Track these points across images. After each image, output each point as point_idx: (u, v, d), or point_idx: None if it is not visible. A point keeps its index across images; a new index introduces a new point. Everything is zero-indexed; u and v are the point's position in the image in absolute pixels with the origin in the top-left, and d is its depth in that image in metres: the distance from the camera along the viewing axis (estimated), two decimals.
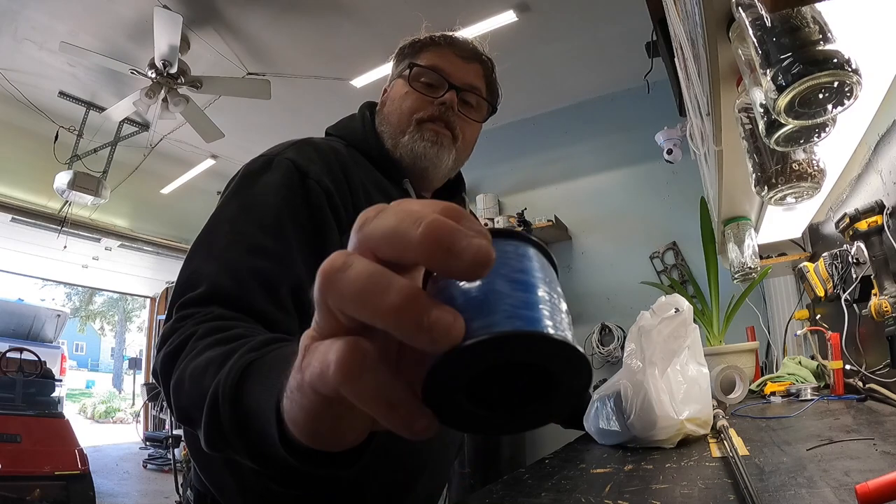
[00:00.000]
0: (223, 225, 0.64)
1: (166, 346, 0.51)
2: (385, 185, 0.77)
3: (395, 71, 0.86)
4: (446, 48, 0.82)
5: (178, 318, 0.54)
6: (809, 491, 0.44)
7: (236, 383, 0.37)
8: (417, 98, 0.79)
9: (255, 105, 3.42)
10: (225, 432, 0.37)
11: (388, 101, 0.84)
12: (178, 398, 0.46)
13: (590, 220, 3.52)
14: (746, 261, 1.50)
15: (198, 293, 0.56)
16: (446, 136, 0.80)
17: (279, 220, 0.64)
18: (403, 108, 0.80)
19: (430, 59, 0.81)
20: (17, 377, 3.97)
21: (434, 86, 0.80)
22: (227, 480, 0.66)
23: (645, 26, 1.86)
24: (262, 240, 0.62)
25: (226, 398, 0.36)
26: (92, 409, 11.71)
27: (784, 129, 0.59)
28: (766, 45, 0.51)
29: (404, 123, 0.80)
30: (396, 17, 2.89)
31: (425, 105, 0.79)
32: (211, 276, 0.57)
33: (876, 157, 1.02)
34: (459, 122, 0.81)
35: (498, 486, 0.61)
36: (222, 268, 0.58)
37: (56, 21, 2.85)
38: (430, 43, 0.83)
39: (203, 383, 0.41)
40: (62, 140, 3.81)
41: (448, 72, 0.80)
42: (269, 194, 0.66)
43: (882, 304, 0.92)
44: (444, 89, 0.79)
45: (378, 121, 0.84)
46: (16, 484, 2.91)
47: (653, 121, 2.95)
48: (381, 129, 0.83)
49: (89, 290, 15.52)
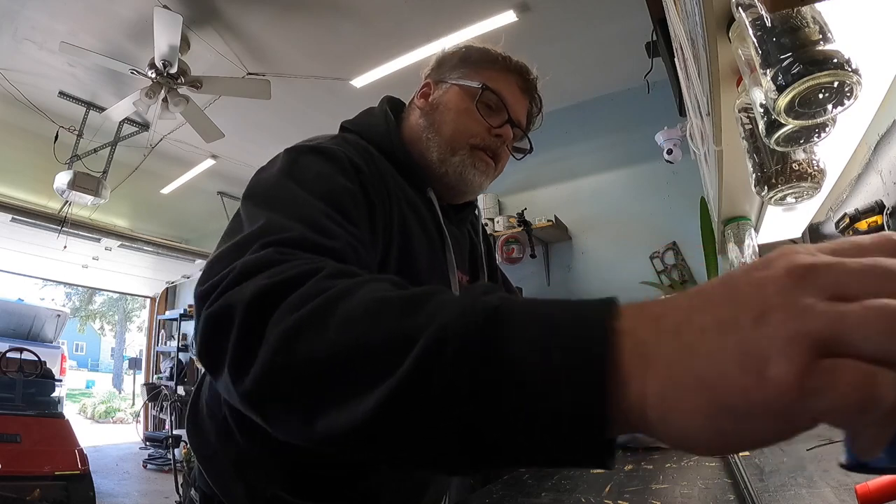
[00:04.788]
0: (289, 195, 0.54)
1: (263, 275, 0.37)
2: (409, 192, 0.74)
3: (452, 74, 0.80)
4: (513, 75, 0.80)
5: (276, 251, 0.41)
6: (809, 491, 0.44)
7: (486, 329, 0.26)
8: (478, 121, 0.77)
9: (255, 105, 3.42)
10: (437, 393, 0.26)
11: (440, 108, 0.78)
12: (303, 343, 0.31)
13: (590, 220, 3.52)
14: (746, 261, 1.50)
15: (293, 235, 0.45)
16: (491, 167, 0.79)
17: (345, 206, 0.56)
18: (461, 127, 0.77)
19: (496, 83, 0.78)
20: (17, 377, 3.97)
21: (494, 112, 0.78)
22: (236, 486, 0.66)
23: (645, 26, 1.86)
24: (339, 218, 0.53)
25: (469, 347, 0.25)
26: (92, 409, 11.70)
27: (784, 129, 0.59)
28: (766, 45, 0.51)
29: (457, 143, 0.77)
30: (396, 17, 2.88)
31: (483, 131, 0.77)
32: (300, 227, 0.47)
33: (876, 157, 1.02)
34: (503, 155, 0.80)
35: (498, 486, 0.61)
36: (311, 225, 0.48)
37: (56, 21, 2.85)
38: (500, 64, 0.80)
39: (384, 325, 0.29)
40: (62, 140, 3.81)
41: (510, 103, 0.78)
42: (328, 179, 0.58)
43: None
44: (502, 120, 0.78)
45: (423, 123, 0.79)
46: (16, 484, 2.91)
47: (653, 121, 2.94)
48: (427, 136, 0.78)
49: (89, 290, 15.52)
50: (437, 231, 0.76)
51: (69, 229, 4.61)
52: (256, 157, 4.42)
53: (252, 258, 0.40)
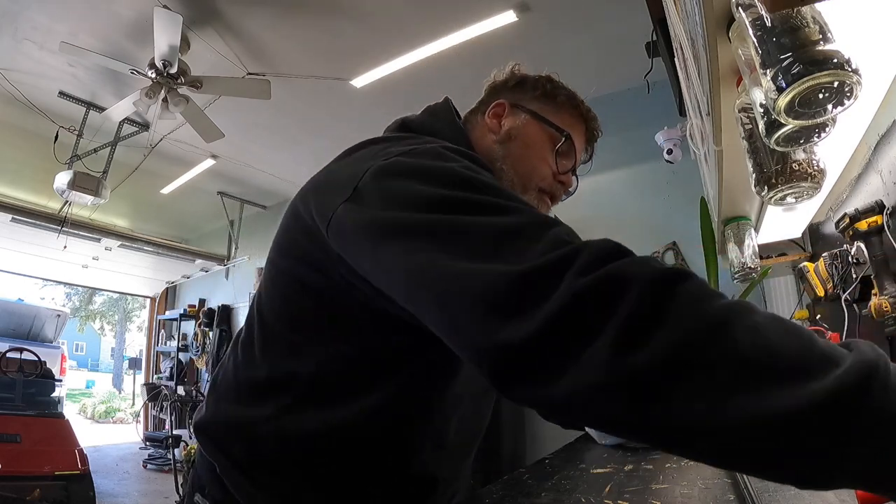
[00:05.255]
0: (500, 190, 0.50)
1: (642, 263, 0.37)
2: None
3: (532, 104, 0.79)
4: (584, 125, 0.82)
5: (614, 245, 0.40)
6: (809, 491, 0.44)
7: None
8: (550, 165, 0.77)
9: (255, 105, 3.42)
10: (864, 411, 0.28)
11: (518, 141, 0.77)
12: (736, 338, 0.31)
13: (590, 220, 3.51)
14: (746, 261, 1.50)
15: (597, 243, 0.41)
16: (549, 210, 0.80)
17: None
18: (535, 167, 0.77)
19: (573, 129, 0.79)
20: (17, 377, 3.97)
21: (563, 159, 0.78)
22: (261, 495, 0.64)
23: (645, 26, 1.86)
24: None
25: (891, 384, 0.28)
26: (92, 409, 11.70)
27: (784, 129, 0.59)
28: (766, 45, 0.51)
29: (529, 183, 0.77)
30: (396, 17, 2.88)
31: (551, 175, 0.78)
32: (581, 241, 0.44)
33: (876, 157, 1.02)
34: (558, 199, 0.82)
35: (498, 486, 0.61)
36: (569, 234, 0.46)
37: (56, 21, 2.85)
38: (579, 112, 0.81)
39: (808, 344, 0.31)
40: (62, 140, 3.81)
41: (579, 153, 0.81)
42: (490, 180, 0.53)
43: (882, 304, 0.92)
44: (569, 167, 0.79)
45: (498, 151, 0.76)
46: (16, 484, 2.91)
47: (653, 121, 2.94)
48: (501, 166, 0.75)
49: (89, 290, 15.52)
50: None
51: (69, 229, 4.61)
52: (256, 157, 4.44)
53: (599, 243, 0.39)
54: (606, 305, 0.34)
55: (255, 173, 4.66)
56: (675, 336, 0.32)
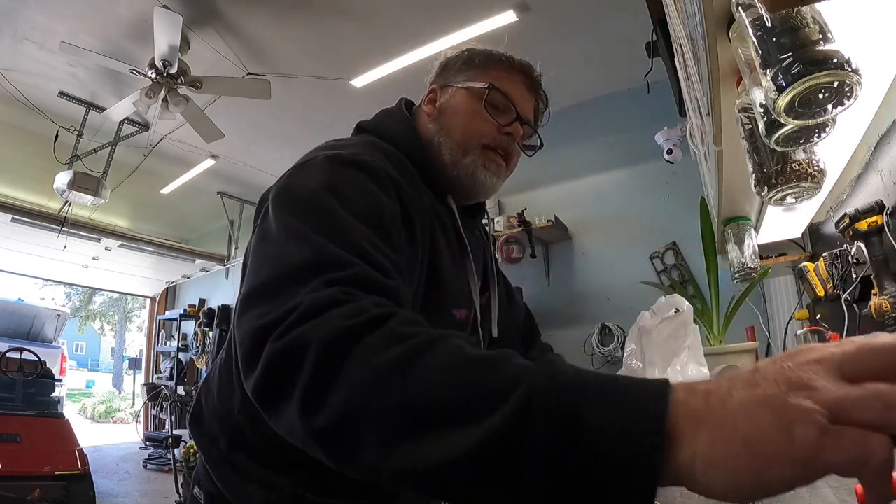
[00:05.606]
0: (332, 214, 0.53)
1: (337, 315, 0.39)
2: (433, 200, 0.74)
3: (457, 78, 0.80)
4: (518, 75, 0.81)
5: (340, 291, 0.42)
6: (809, 491, 0.44)
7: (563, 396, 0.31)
8: (487, 121, 0.77)
9: (255, 105, 3.42)
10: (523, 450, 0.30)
11: (448, 112, 0.79)
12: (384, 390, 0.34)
13: (590, 220, 3.52)
14: (746, 261, 1.50)
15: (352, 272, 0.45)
16: (502, 167, 0.80)
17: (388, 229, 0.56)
18: (470, 128, 0.77)
19: (502, 83, 0.78)
20: (17, 377, 3.97)
21: (502, 112, 0.78)
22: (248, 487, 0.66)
23: (645, 26, 1.86)
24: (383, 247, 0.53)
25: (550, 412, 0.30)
26: (92, 409, 11.70)
27: (784, 129, 0.59)
28: (766, 45, 0.51)
29: (469, 144, 0.77)
30: (396, 17, 2.89)
31: (492, 130, 0.77)
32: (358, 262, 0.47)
33: (876, 157, 1.02)
34: (514, 153, 0.81)
35: None
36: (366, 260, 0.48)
37: (56, 21, 2.85)
38: (504, 64, 0.81)
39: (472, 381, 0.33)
40: (62, 140, 3.81)
41: (517, 101, 0.79)
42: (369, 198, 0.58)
43: (882, 304, 0.92)
44: (511, 118, 0.78)
45: (433, 128, 0.79)
46: (16, 484, 2.91)
47: (653, 121, 2.94)
48: (438, 140, 0.78)
49: (89, 290, 15.52)
50: (458, 239, 0.77)
51: (69, 229, 4.61)
52: (256, 157, 4.44)
53: (320, 296, 0.41)
54: (291, 373, 0.38)
55: (255, 173, 4.66)
56: (346, 395, 0.35)
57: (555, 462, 0.29)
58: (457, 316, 0.74)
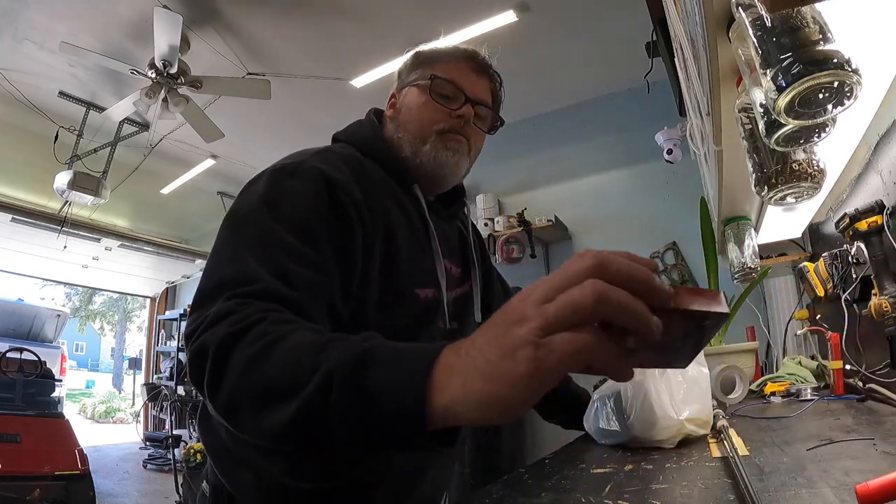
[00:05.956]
0: (262, 228, 0.63)
1: (225, 323, 0.50)
2: (396, 190, 0.80)
3: (409, 78, 0.87)
4: (462, 62, 0.85)
5: (235, 304, 0.52)
6: (809, 491, 0.45)
7: (356, 367, 0.40)
8: (437, 109, 0.82)
9: (255, 105, 3.42)
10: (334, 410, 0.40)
11: (403, 109, 0.85)
12: (248, 376, 0.46)
13: (590, 220, 3.52)
14: (746, 261, 1.50)
15: (253, 289, 0.55)
16: (464, 145, 0.83)
17: (315, 229, 0.64)
18: (423, 119, 0.82)
19: (447, 72, 0.83)
20: (17, 377, 3.97)
21: (451, 98, 0.82)
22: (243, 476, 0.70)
23: (645, 26, 1.86)
24: (304, 249, 0.62)
25: (345, 380, 0.40)
26: (92, 409, 11.70)
27: (784, 129, 0.59)
28: (766, 45, 0.51)
29: (425, 133, 0.82)
30: (396, 17, 2.89)
31: (444, 117, 0.82)
32: (264, 277, 0.57)
33: (876, 157, 1.02)
34: (472, 133, 0.84)
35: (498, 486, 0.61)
36: (274, 272, 0.58)
37: (56, 21, 2.85)
38: (447, 55, 0.86)
39: (299, 363, 0.43)
40: (62, 140, 3.81)
41: (464, 85, 0.83)
42: (301, 203, 0.66)
43: (882, 304, 0.92)
44: (460, 102, 0.82)
45: (392, 127, 0.85)
46: (16, 484, 2.91)
47: (653, 121, 2.94)
48: (398, 136, 0.84)
49: (89, 290, 15.52)
50: (423, 224, 0.81)
51: (69, 229, 4.61)
52: (256, 157, 4.44)
53: (220, 308, 0.52)
54: (199, 368, 0.49)
55: (255, 173, 4.65)
56: (229, 383, 0.47)
57: (350, 418, 0.39)
58: (421, 295, 0.76)
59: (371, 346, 0.42)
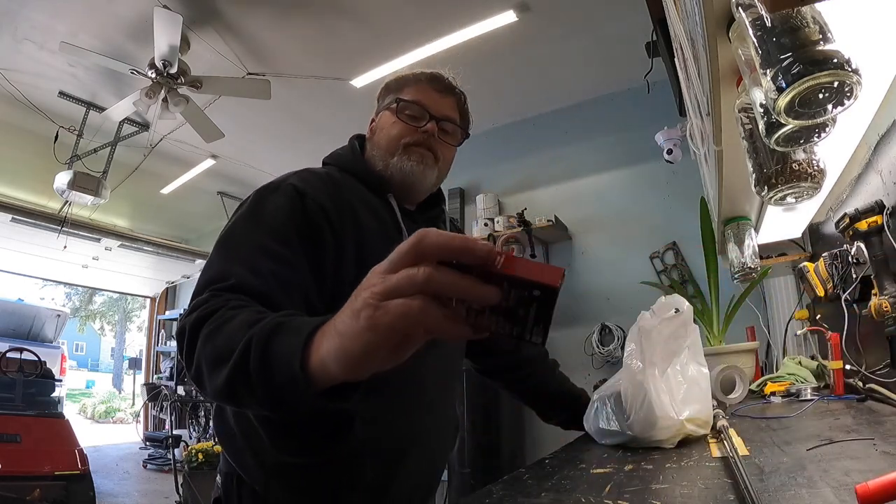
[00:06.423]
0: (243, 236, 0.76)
1: (198, 311, 0.62)
2: (372, 200, 0.90)
3: (382, 104, 0.98)
4: (426, 84, 0.96)
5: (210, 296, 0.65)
6: (809, 491, 0.45)
7: (268, 335, 0.49)
8: (404, 127, 0.92)
9: (255, 105, 3.42)
10: (249, 371, 0.49)
11: (377, 130, 0.97)
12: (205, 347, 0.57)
13: (590, 220, 3.52)
14: (746, 261, 1.50)
15: (228, 284, 0.67)
16: (429, 157, 0.93)
17: (287, 232, 0.76)
18: (392, 135, 0.93)
19: (412, 95, 0.94)
20: (17, 377, 3.98)
21: (417, 117, 0.93)
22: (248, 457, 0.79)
23: (645, 26, 1.86)
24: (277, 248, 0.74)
25: (258, 345, 0.49)
26: (92, 409, 11.70)
27: (784, 129, 0.59)
28: (766, 45, 0.51)
29: (393, 147, 0.92)
30: (396, 17, 2.89)
31: (411, 132, 0.92)
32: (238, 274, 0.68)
33: (876, 157, 1.02)
34: (439, 146, 0.94)
35: (498, 486, 0.61)
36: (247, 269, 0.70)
37: (56, 21, 2.85)
38: (412, 80, 0.96)
39: (236, 335, 0.53)
40: (62, 140, 3.81)
41: (428, 105, 0.93)
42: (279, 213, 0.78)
43: (882, 304, 0.92)
44: (425, 120, 0.93)
45: (369, 147, 0.97)
46: (16, 484, 2.91)
47: (653, 121, 2.94)
48: (373, 154, 0.95)
49: (89, 290, 15.52)
50: (396, 227, 0.90)
51: (69, 229, 4.61)
52: (256, 158, 4.44)
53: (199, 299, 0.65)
54: (180, 346, 0.63)
55: (255, 173, 4.66)
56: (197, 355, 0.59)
57: (260, 377, 0.49)
58: None
59: (286, 320, 0.51)
